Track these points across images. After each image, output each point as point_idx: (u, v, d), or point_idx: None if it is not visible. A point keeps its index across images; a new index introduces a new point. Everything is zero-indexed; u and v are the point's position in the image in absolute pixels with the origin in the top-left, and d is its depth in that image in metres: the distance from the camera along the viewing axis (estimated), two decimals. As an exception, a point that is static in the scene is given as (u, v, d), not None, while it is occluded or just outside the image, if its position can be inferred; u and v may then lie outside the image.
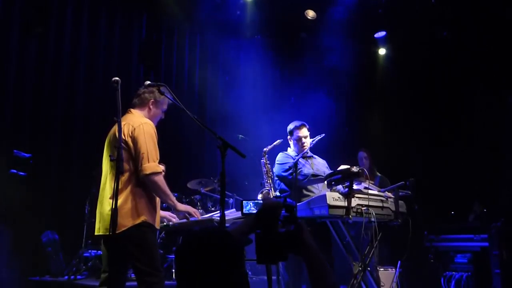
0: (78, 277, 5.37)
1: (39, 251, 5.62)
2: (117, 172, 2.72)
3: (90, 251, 5.66)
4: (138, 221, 3.02)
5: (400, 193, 4.29)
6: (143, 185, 3.10)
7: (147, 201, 3.11)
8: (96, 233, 3.18)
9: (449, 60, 7.81)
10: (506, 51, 7.04)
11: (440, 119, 8.01)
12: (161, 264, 5.57)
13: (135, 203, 3.05)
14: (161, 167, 3.23)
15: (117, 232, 2.86)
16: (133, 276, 5.15)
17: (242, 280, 1.51)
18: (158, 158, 3.16)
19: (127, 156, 3.07)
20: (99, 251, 5.74)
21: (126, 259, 3.09)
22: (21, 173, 5.29)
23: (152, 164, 3.08)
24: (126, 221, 2.98)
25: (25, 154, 5.30)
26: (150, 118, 3.35)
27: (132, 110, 3.34)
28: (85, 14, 6.85)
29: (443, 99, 8.02)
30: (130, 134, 3.11)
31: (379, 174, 6.13)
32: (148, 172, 3.05)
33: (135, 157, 3.09)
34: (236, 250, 1.52)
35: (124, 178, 3.00)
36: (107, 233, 3.03)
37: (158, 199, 3.26)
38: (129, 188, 3.06)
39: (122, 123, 3.15)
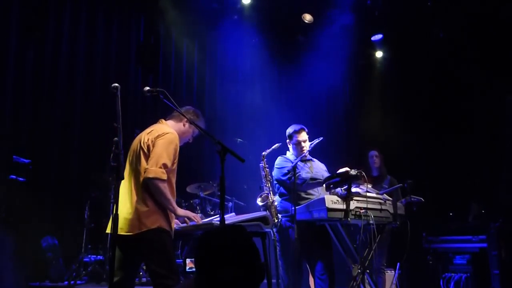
0: (78, 282, 5.38)
1: (39, 256, 5.62)
2: (118, 178, 2.73)
3: (90, 256, 5.67)
4: (155, 225, 3.05)
5: (414, 199, 4.30)
6: None
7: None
8: (114, 232, 3.16)
9: (446, 61, 7.83)
10: (502, 50, 7.08)
11: (439, 120, 8.03)
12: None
13: (153, 206, 3.08)
14: (165, 175, 3.21)
15: (135, 233, 3.00)
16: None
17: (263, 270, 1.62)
18: (169, 167, 3.14)
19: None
20: (98, 256, 5.75)
21: (140, 262, 3.11)
22: (20, 178, 5.29)
23: (158, 170, 3.08)
24: (142, 224, 3.02)
25: (25, 160, 5.30)
26: (180, 133, 3.39)
27: (163, 120, 3.39)
28: (83, 18, 6.86)
29: (441, 101, 8.04)
30: (153, 140, 3.16)
31: (389, 176, 6.06)
32: (151, 176, 3.06)
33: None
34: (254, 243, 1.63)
35: (142, 180, 3.09)
36: (125, 234, 3.03)
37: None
38: (148, 192, 3.10)
39: (149, 130, 3.27)
